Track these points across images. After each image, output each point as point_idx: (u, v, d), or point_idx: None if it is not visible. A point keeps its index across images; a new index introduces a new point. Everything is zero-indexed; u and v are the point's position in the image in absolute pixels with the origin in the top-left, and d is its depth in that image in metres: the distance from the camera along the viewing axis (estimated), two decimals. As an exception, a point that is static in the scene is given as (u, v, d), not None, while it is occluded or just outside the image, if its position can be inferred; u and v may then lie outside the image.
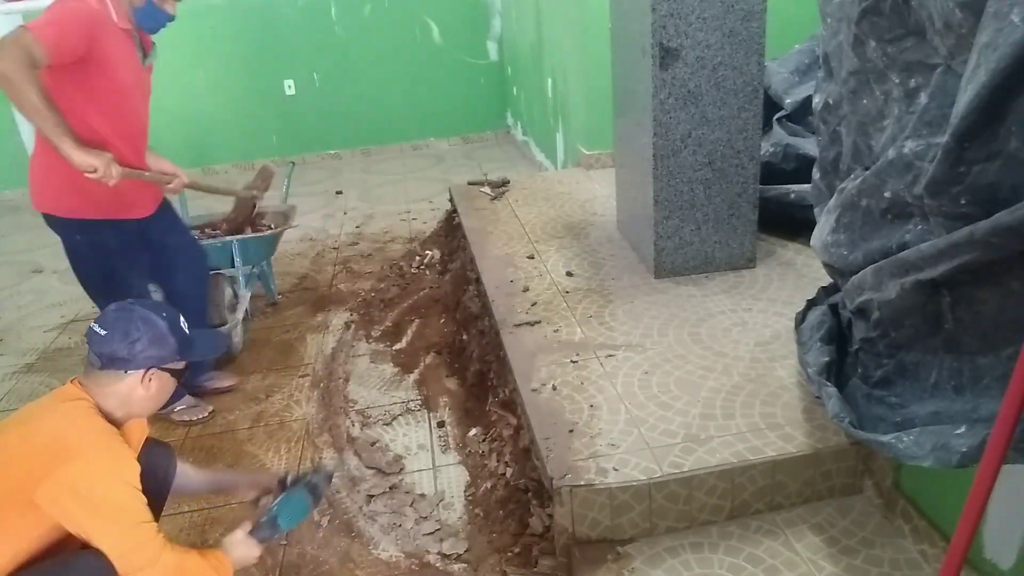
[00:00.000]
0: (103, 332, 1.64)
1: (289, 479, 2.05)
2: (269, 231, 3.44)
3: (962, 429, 1.34)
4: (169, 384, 1.74)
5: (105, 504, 1.55)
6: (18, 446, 1.58)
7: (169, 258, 2.69)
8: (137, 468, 1.59)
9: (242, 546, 1.81)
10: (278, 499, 1.99)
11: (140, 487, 1.59)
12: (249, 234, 3.37)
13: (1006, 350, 1.33)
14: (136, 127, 2.49)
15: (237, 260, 3.27)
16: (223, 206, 3.54)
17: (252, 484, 2.08)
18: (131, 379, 1.64)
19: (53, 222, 2.46)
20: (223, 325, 3.11)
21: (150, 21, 2.44)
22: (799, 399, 2.07)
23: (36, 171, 2.40)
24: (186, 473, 1.99)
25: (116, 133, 2.38)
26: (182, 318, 1.74)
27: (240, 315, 3.24)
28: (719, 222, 2.77)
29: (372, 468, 2.49)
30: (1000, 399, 1.08)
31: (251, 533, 1.82)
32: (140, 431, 1.81)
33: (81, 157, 2.13)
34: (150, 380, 1.67)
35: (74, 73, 2.21)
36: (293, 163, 4.30)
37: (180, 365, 1.75)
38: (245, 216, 3.41)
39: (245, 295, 3.33)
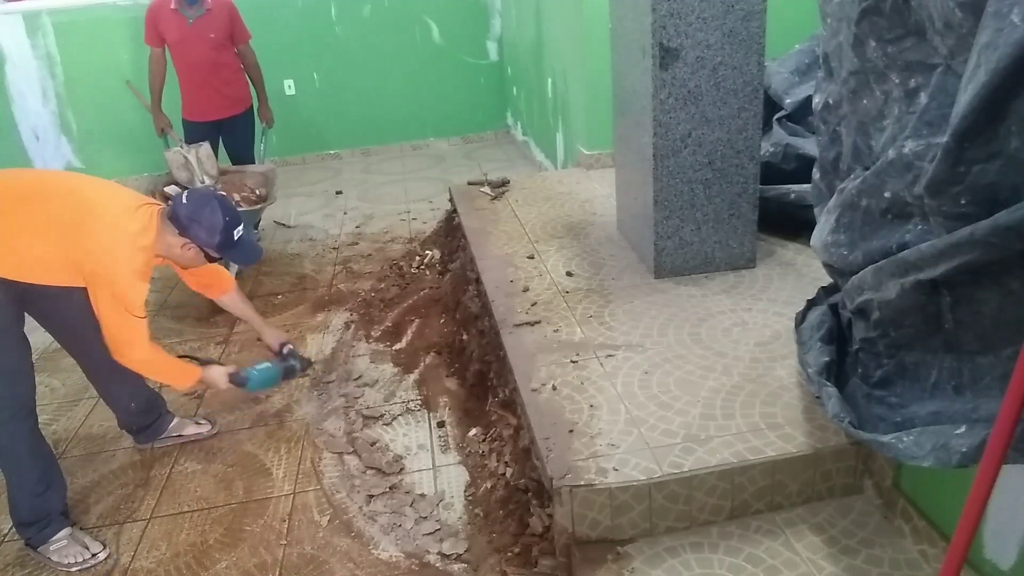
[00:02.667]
0: (184, 200, 2.20)
1: (285, 350, 2.68)
2: (259, 206, 3.86)
3: (962, 429, 1.34)
4: (201, 258, 2.28)
5: (120, 294, 2.06)
6: (96, 200, 2.10)
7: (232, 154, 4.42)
8: (147, 288, 2.15)
9: (219, 376, 2.45)
10: (262, 365, 2.61)
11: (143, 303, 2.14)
12: (246, 207, 3.77)
13: (1006, 350, 1.33)
14: (194, 61, 4.09)
15: None
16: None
17: (265, 337, 2.72)
18: (178, 238, 2.20)
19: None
20: None
21: None
22: (799, 399, 2.07)
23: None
24: (233, 298, 2.65)
25: (183, 67, 4.14)
26: (240, 228, 2.26)
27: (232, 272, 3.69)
28: (719, 222, 2.77)
29: (372, 468, 2.50)
30: (1000, 399, 1.08)
31: (231, 374, 2.46)
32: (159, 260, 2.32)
33: (156, 118, 4.25)
34: (189, 248, 2.23)
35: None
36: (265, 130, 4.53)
37: (214, 254, 2.27)
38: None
39: None
